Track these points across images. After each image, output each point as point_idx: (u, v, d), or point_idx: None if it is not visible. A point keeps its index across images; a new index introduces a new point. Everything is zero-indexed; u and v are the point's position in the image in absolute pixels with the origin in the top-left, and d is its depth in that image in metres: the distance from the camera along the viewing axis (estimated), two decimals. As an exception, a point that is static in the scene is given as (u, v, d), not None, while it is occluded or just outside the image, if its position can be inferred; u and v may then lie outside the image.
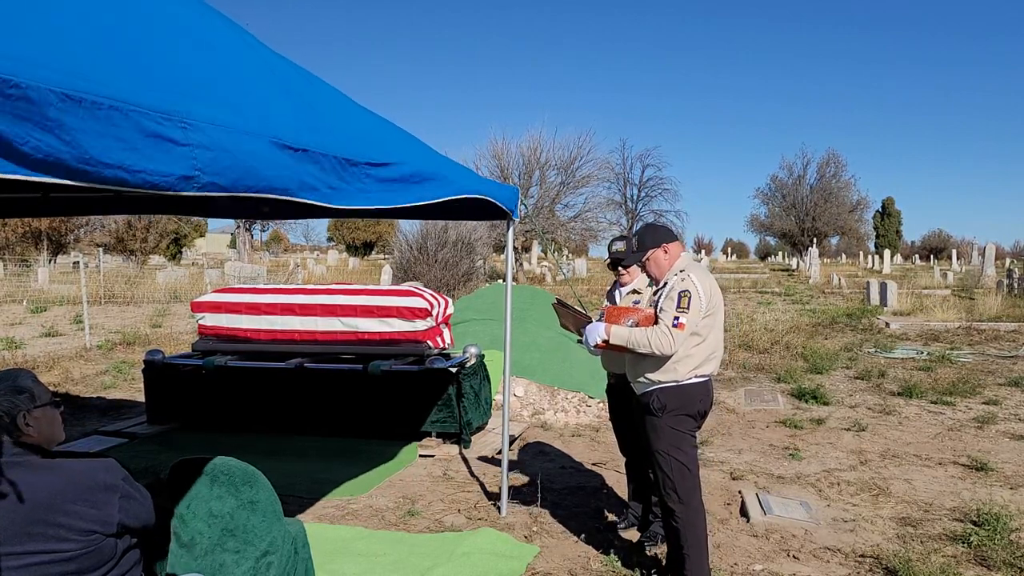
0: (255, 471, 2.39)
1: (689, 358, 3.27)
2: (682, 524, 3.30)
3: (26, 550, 1.78)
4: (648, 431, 3.38)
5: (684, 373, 3.27)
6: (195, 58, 1.99)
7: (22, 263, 27.44)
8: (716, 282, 3.46)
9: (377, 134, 2.86)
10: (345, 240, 62.89)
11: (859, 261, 55.26)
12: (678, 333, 3.17)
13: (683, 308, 3.19)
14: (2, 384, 1.93)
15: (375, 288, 6.72)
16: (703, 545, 3.32)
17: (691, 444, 3.35)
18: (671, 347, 3.18)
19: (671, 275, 3.36)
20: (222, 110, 1.87)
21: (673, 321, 3.19)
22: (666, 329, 3.18)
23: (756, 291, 25.62)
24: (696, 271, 3.34)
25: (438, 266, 19.11)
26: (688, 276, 3.28)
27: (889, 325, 13.76)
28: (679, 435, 3.30)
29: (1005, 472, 5.28)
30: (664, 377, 3.28)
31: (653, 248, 3.43)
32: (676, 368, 3.27)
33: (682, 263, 3.40)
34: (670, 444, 3.30)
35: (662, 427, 3.31)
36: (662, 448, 3.32)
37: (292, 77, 2.52)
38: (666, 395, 3.29)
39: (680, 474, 3.29)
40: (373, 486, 4.95)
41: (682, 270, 3.34)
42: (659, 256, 3.43)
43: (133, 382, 8.60)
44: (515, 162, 31.46)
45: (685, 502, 3.30)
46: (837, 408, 7.38)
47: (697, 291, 3.23)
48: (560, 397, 7.12)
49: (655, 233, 3.47)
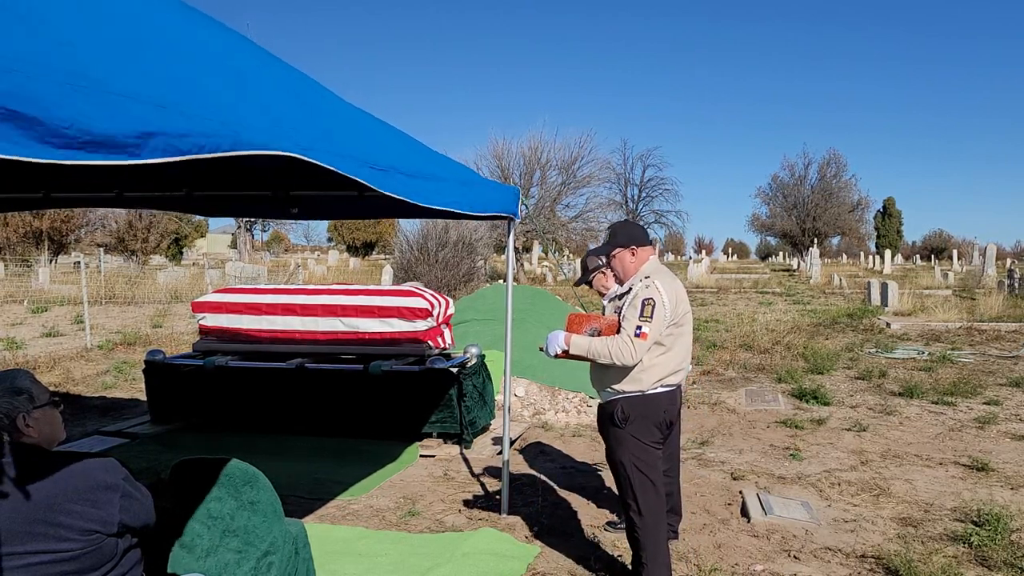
0: (256, 471, 2.39)
1: (655, 367, 3.17)
2: (642, 535, 3.23)
3: (27, 550, 1.78)
4: (611, 442, 3.30)
5: (649, 383, 3.18)
6: (284, 97, 2.29)
7: (23, 263, 27.45)
8: (684, 290, 3.35)
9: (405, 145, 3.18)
10: (345, 240, 62.87)
11: (860, 261, 55.24)
12: (640, 343, 3.05)
13: (646, 317, 3.06)
14: (0, 385, 1.92)
15: (376, 288, 6.72)
16: (663, 556, 3.25)
17: (654, 456, 3.25)
18: (632, 357, 3.06)
19: (636, 280, 3.25)
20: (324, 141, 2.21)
21: (635, 330, 3.05)
22: (628, 339, 3.06)
23: (757, 291, 25.61)
24: (662, 278, 3.22)
25: (439, 266, 19.11)
26: (653, 283, 3.15)
27: (890, 325, 13.75)
28: (642, 446, 3.21)
29: (1006, 472, 5.28)
30: (629, 387, 3.18)
31: (622, 248, 3.32)
32: (641, 378, 3.17)
33: (648, 268, 3.28)
34: (633, 456, 3.21)
35: (625, 438, 3.21)
36: (624, 460, 3.23)
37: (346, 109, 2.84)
38: (630, 405, 3.19)
39: (642, 487, 3.21)
40: (374, 486, 4.95)
41: (647, 276, 3.22)
42: (625, 257, 3.32)
43: (134, 382, 8.60)
44: (516, 162, 31.49)
45: (644, 514, 3.21)
46: (838, 408, 7.38)
47: (662, 299, 3.11)
48: (561, 397, 7.12)
49: (628, 232, 3.35)
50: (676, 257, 78.02)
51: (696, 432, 6.41)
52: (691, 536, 4.14)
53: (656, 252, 3.50)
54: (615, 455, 3.29)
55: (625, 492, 3.27)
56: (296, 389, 6.13)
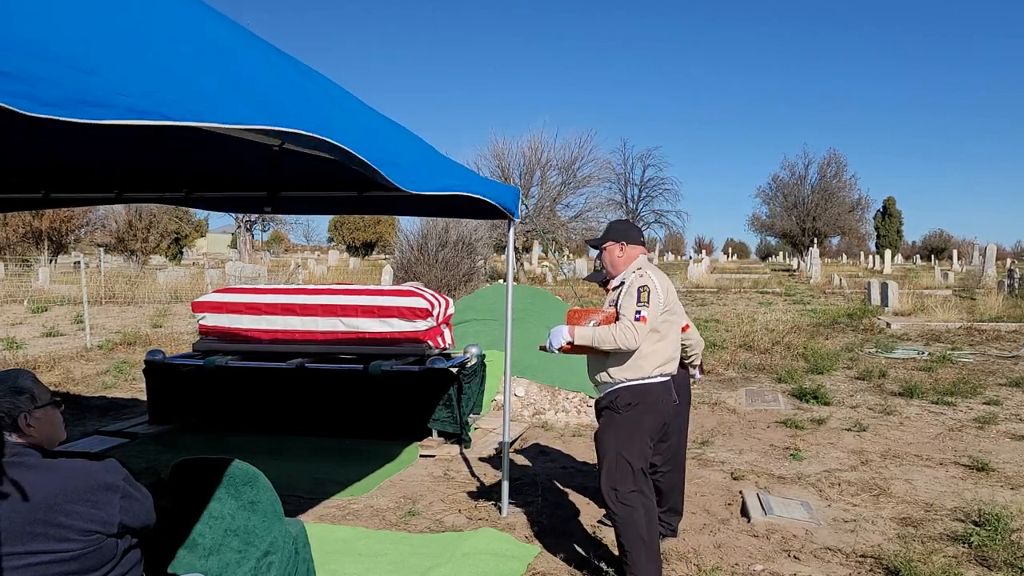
0: (256, 471, 2.39)
1: (654, 354, 3.27)
2: (620, 522, 3.26)
3: (27, 550, 1.78)
4: (603, 423, 3.36)
5: (650, 370, 3.27)
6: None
7: (23, 263, 27.45)
8: (672, 285, 3.47)
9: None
10: (346, 240, 62.85)
11: (860, 261, 55.27)
12: (641, 326, 3.17)
13: (643, 302, 3.20)
14: (2, 385, 1.93)
15: (376, 288, 6.72)
16: (644, 545, 3.24)
17: (643, 445, 3.29)
18: (635, 340, 3.17)
19: (628, 273, 3.38)
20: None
21: (635, 315, 3.18)
22: (628, 323, 3.18)
23: (757, 291, 25.61)
24: (652, 269, 3.37)
25: (439, 266, 19.10)
26: (646, 272, 3.31)
27: (890, 325, 13.75)
28: (634, 433, 3.26)
29: (1006, 472, 5.28)
30: (631, 374, 3.27)
31: (613, 242, 3.46)
32: (642, 365, 3.26)
33: (638, 263, 3.42)
34: (621, 441, 3.26)
35: (620, 423, 3.27)
36: (611, 443, 3.28)
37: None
38: (631, 393, 3.27)
39: (623, 473, 3.24)
40: (374, 486, 4.95)
41: (639, 268, 3.37)
42: (614, 250, 3.45)
43: (134, 382, 8.60)
44: (516, 162, 31.52)
45: (623, 501, 3.24)
46: (838, 408, 7.38)
47: (655, 286, 3.25)
48: (561, 397, 7.12)
49: (623, 230, 3.49)
50: (676, 257, 78.06)
51: (696, 432, 6.40)
52: (691, 536, 4.14)
53: (649, 253, 3.57)
54: (602, 435, 3.35)
55: (605, 477, 3.30)
56: (296, 389, 6.13)
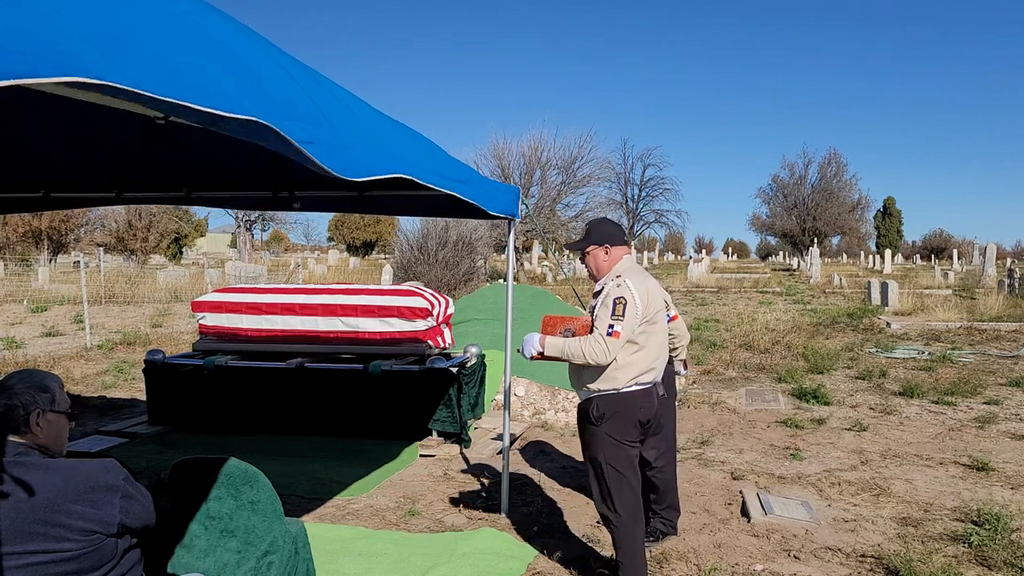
0: (256, 471, 2.39)
1: (629, 366, 3.18)
2: (617, 533, 3.25)
3: (27, 550, 1.78)
4: (586, 438, 3.32)
5: (624, 381, 3.18)
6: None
7: (22, 263, 27.46)
8: (658, 287, 3.37)
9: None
10: (346, 240, 62.87)
11: (860, 261, 55.28)
12: (613, 342, 3.07)
13: (618, 316, 3.09)
14: (30, 380, 1.98)
15: (376, 288, 6.71)
16: (638, 556, 3.25)
17: (630, 455, 3.26)
18: (606, 356, 3.08)
19: (608, 280, 3.27)
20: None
21: (607, 329, 3.08)
22: (600, 338, 3.08)
23: (757, 291, 25.61)
24: (633, 276, 3.23)
25: (439, 266, 19.09)
26: (624, 282, 3.17)
27: (890, 325, 13.75)
28: (617, 444, 3.22)
29: (1006, 472, 5.28)
30: (604, 385, 3.19)
31: (596, 245, 3.35)
32: (616, 376, 3.18)
33: (621, 267, 3.31)
34: (607, 454, 3.22)
35: (600, 436, 3.23)
36: (599, 458, 3.24)
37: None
38: (606, 403, 3.20)
39: (617, 485, 3.22)
40: (374, 486, 4.95)
41: (619, 275, 3.24)
42: (598, 255, 3.35)
43: (133, 382, 8.60)
44: (516, 161, 31.49)
45: (620, 512, 3.22)
46: (838, 408, 7.37)
47: (633, 298, 3.13)
48: (561, 397, 7.12)
49: (604, 231, 3.37)
50: (676, 257, 78.02)
51: (696, 432, 6.41)
52: (691, 536, 4.14)
53: (633, 252, 3.49)
54: (590, 452, 3.32)
55: (600, 492, 3.29)
56: (296, 389, 6.13)
